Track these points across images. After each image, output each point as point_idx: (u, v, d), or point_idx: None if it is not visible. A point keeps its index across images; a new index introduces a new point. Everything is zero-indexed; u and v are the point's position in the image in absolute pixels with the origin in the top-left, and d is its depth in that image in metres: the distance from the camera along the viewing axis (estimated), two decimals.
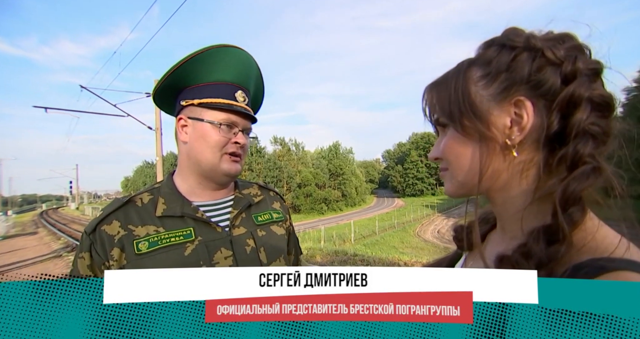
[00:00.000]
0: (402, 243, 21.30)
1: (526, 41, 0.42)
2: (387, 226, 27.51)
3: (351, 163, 53.82)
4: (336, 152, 52.25)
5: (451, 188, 0.49)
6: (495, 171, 0.44)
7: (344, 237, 21.12)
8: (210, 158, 0.76)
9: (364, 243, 19.28)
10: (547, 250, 0.37)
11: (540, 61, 0.41)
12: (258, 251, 0.80)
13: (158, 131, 9.52)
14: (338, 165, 49.62)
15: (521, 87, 0.41)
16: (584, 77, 0.40)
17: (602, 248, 0.36)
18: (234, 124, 0.77)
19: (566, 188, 0.37)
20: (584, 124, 0.38)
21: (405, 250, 17.33)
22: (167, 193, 0.79)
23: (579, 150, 0.38)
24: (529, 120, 0.41)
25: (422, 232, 25.76)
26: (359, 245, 17.35)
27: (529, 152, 0.43)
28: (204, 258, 0.72)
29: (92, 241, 0.70)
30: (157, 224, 0.73)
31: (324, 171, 47.50)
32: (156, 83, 0.78)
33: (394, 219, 30.50)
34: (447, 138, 0.48)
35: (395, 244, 20.64)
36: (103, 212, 0.73)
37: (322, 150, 53.96)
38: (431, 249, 19.04)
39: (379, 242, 20.95)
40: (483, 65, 0.45)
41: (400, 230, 26.78)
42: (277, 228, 0.89)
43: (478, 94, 0.44)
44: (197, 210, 0.77)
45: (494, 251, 0.47)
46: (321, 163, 48.54)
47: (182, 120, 0.78)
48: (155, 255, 0.69)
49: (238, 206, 0.83)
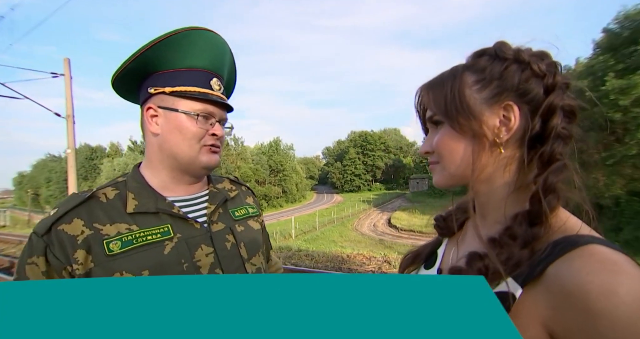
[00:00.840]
0: (341, 237, 22.11)
1: (516, 54, 0.49)
2: (327, 222, 28.28)
3: (292, 160, 53.94)
4: (277, 148, 51.80)
5: (442, 179, 0.54)
6: (482, 165, 0.50)
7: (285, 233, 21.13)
8: (187, 151, 0.71)
9: (304, 239, 19.53)
10: (530, 231, 0.44)
11: (527, 73, 0.47)
12: (238, 246, 0.77)
13: (70, 119, 8.01)
14: (279, 161, 49.29)
15: (510, 94, 0.48)
16: (559, 89, 0.47)
17: (570, 228, 0.44)
18: (211, 115, 0.72)
19: (546, 180, 0.45)
20: (558, 128, 0.46)
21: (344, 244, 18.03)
22: (137, 187, 0.71)
23: (554, 148, 0.46)
24: (515, 122, 0.47)
25: (360, 226, 27.10)
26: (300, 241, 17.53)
27: (512, 149, 0.49)
28: (185, 256, 0.67)
29: (48, 243, 0.59)
30: (128, 221, 0.65)
31: (264, 167, 46.71)
32: (119, 66, 0.69)
33: (333, 214, 31.47)
34: (440, 135, 0.52)
35: (335, 238, 21.34)
36: (58, 210, 0.63)
37: (263, 145, 52.93)
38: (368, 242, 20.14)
39: (319, 237, 21.44)
40: (477, 71, 0.50)
41: (339, 224, 27.76)
42: (253, 223, 0.87)
43: (472, 97, 0.49)
44: (173, 205, 0.71)
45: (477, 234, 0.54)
46: (261, 159, 47.57)
47: (152, 109, 0.71)
48: (130, 255, 0.62)
49: (215, 201, 0.79)
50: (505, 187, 0.50)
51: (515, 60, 0.48)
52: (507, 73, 0.48)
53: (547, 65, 0.48)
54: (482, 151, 0.49)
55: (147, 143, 0.75)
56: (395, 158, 67.64)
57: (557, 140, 0.46)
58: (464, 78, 0.51)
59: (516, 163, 0.50)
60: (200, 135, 0.71)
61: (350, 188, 62.81)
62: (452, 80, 0.51)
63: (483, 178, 0.51)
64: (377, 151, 65.05)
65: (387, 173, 66.68)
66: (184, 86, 0.70)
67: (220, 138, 0.75)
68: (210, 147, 0.73)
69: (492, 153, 0.49)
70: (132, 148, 46.73)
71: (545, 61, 0.48)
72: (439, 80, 0.53)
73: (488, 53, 0.51)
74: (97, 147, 53.33)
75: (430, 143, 0.55)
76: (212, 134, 0.73)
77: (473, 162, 0.49)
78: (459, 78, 0.51)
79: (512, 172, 0.50)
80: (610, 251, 0.38)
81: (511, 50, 0.49)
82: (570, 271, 0.38)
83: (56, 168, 48.53)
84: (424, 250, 0.67)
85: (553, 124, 0.46)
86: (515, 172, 0.50)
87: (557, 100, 0.46)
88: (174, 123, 0.70)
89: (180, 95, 0.69)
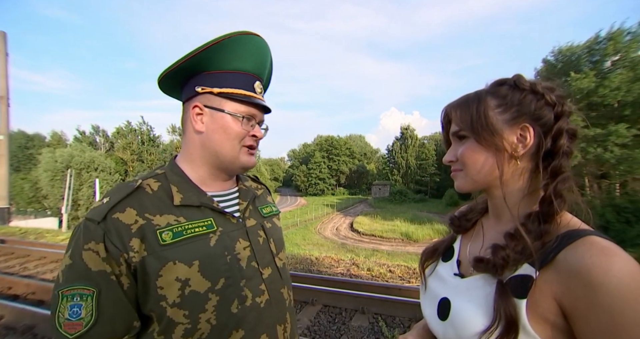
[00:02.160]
0: (304, 240, 22.15)
1: (532, 86, 0.60)
2: (290, 224, 28.15)
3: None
4: None
5: (464, 184, 0.64)
6: (502, 173, 0.61)
7: None
8: (229, 150, 0.75)
9: None
10: (541, 227, 0.55)
11: (542, 102, 0.59)
12: (269, 241, 0.82)
13: (3, 100, 7.14)
14: None
15: (527, 117, 0.59)
16: (565, 116, 0.59)
17: (573, 224, 0.55)
18: (253, 117, 0.77)
19: (556, 187, 0.56)
20: (564, 147, 0.58)
21: (307, 247, 18.09)
22: (179, 181, 0.73)
23: (561, 163, 0.57)
24: (530, 141, 0.59)
25: (322, 229, 27.32)
26: None
27: (526, 161, 0.61)
28: (229, 248, 0.71)
29: (105, 230, 0.60)
30: (176, 214, 0.68)
31: None
32: (170, 64, 0.72)
33: (296, 217, 31.41)
34: (466, 147, 0.63)
35: (298, 241, 21.32)
36: (111, 199, 0.64)
37: None
38: (331, 245, 20.39)
39: None
40: (499, 97, 0.62)
41: (302, 227, 27.75)
42: (277, 220, 0.92)
43: (495, 117, 0.60)
44: (213, 200, 0.75)
45: (493, 231, 0.66)
46: None
47: (198, 107, 0.74)
48: (180, 245, 0.65)
49: (246, 198, 0.83)
50: (520, 192, 0.61)
51: (532, 90, 0.60)
52: (525, 101, 0.60)
53: (556, 96, 0.60)
54: (502, 162, 0.60)
55: (188, 139, 0.77)
56: (359, 164, 69.27)
57: (564, 156, 0.58)
58: (488, 102, 0.61)
59: (528, 173, 0.61)
60: (242, 136, 0.75)
61: (314, 192, 63.07)
62: (477, 102, 0.62)
63: (501, 184, 0.62)
64: (342, 156, 66.16)
65: (351, 178, 68.00)
66: (231, 88, 0.73)
67: (259, 139, 0.80)
68: (248, 148, 0.78)
69: (509, 164, 0.60)
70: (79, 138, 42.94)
71: (555, 93, 0.60)
72: (465, 101, 0.64)
73: (508, 83, 0.63)
74: (36, 135, 48.09)
75: (454, 153, 0.65)
76: (252, 135, 0.77)
77: (500, 171, 0.60)
78: (483, 101, 0.62)
79: (524, 180, 0.61)
80: (605, 241, 0.50)
81: (527, 82, 0.61)
82: (575, 256, 0.49)
83: None
84: (441, 244, 0.77)
85: (561, 143, 0.58)
86: (527, 180, 0.61)
87: (564, 125, 0.58)
88: (219, 123, 0.73)
89: (227, 96, 0.73)
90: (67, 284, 0.59)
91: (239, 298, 0.69)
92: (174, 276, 0.62)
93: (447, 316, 0.61)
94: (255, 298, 0.71)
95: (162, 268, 0.62)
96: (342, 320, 3.26)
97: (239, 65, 0.75)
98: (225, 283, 0.68)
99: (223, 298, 0.67)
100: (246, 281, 0.71)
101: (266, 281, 0.75)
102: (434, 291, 0.68)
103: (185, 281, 0.63)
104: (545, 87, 0.61)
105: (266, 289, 0.74)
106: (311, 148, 70.52)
